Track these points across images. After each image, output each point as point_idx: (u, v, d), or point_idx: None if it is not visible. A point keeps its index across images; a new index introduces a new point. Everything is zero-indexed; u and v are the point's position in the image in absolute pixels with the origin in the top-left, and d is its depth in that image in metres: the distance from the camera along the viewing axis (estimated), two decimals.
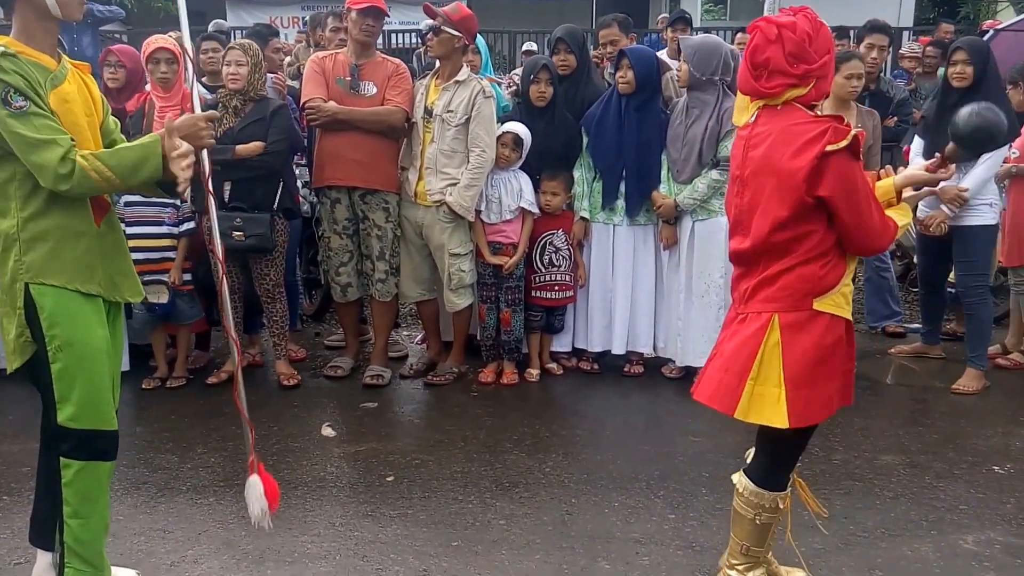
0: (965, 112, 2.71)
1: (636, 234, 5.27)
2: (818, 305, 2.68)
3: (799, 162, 2.58)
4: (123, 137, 2.96)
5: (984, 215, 4.94)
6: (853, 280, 2.87)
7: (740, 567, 2.95)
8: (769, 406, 2.69)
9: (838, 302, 2.71)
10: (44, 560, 2.98)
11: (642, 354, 5.44)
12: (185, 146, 2.72)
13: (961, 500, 3.80)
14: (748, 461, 2.97)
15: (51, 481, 2.86)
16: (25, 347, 2.73)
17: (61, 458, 2.78)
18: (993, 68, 4.97)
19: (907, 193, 2.88)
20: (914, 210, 3.38)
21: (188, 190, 5.03)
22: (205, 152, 2.94)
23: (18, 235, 2.68)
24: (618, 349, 5.39)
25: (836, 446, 4.30)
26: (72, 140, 2.64)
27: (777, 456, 2.87)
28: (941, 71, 8.16)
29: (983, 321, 5.14)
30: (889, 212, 2.76)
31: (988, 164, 4.86)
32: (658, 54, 6.67)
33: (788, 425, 2.67)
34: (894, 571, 3.25)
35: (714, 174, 4.90)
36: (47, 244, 2.69)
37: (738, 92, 2.87)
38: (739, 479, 2.93)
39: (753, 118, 2.78)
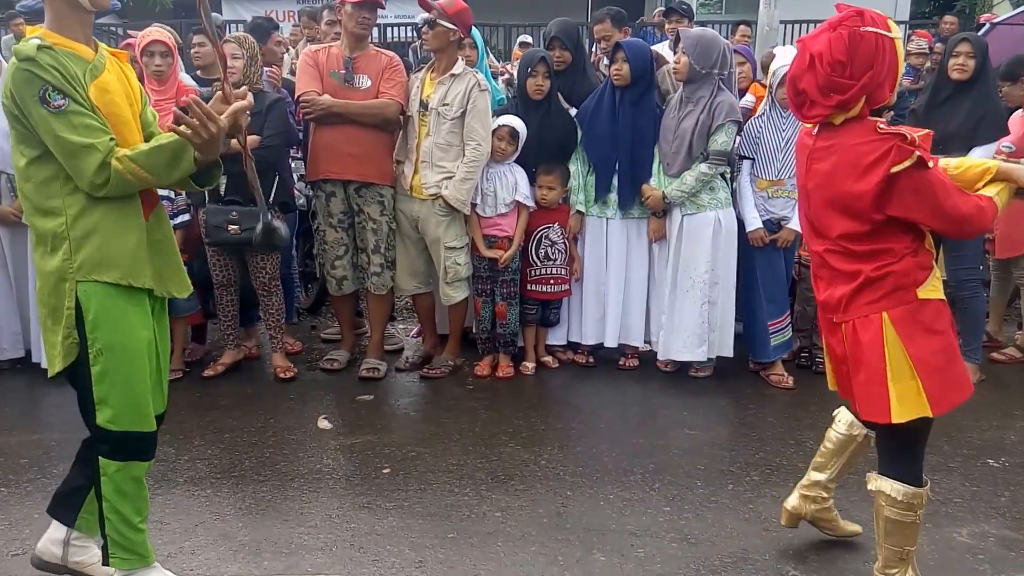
0: None
1: (629, 227, 5.28)
2: (923, 293, 2.67)
3: (864, 185, 2.56)
4: (160, 129, 2.91)
5: None
6: None
7: (896, 572, 2.89)
8: (913, 399, 2.67)
9: (936, 286, 2.71)
10: (57, 533, 3.02)
11: (636, 347, 5.45)
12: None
13: (956, 493, 3.82)
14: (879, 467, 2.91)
15: (90, 468, 2.88)
16: (71, 349, 2.70)
17: (100, 458, 2.79)
18: (989, 63, 4.97)
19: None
20: None
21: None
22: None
23: (68, 233, 2.64)
24: (610, 342, 5.40)
25: None
26: (112, 140, 2.60)
27: (917, 450, 2.85)
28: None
29: (976, 315, 5.16)
30: (985, 190, 2.72)
31: (979, 157, 4.85)
32: (656, 47, 6.68)
33: (932, 414, 2.68)
34: None
35: (703, 167, 4.90)
36: (97, 239, 2.66)
37: None
38: (890, 486, 2.82)
39: (816, 130, 2.75)
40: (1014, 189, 2.79)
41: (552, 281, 5.30)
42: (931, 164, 2.57)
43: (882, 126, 2.59)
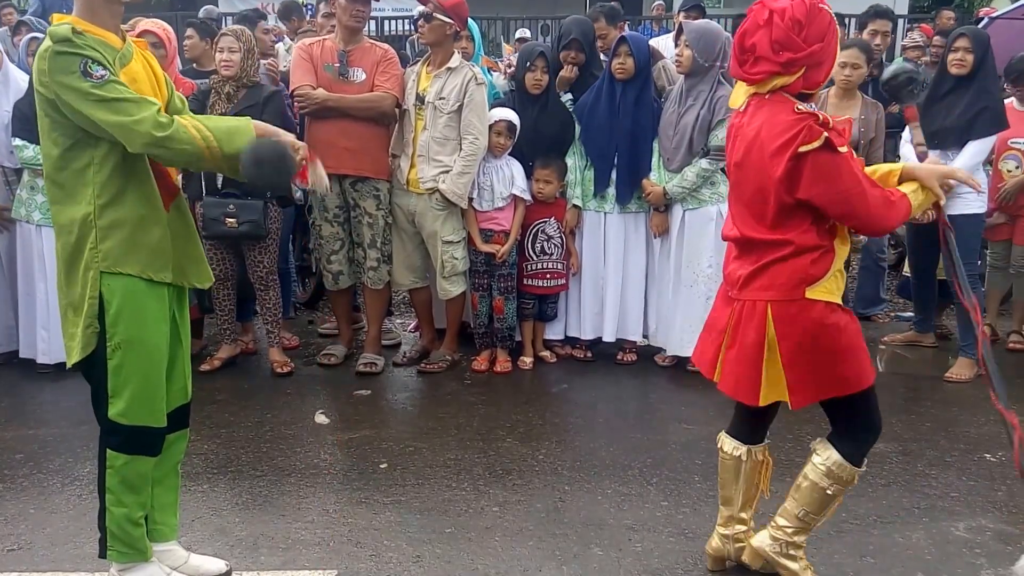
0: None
1: (627, 222, 5.27)
2: (810, 293, 2.70)
3: (775, 165, 2.59)
4: (191, 114, 2.89)
5: (971, 203, 4.94)
6: (847, 267, 2.87)
7: (788, 529, 2.94)
8: (779, 387, 2.77)
9: (829, 288, 2.72)
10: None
11: (635, 342, 5.45)
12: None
13: (953, 488, 3.82)
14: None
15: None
16: (91, 338, 2.69)
17: (108, 450, 2.79)
18: (991, 58, 4.96)
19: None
20: None
21: (180, 176, 5.04)
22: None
23: (95, 222, 2.64)
24: (608, 337, 5.39)
25: (826, 432, 4.30)
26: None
27: (854, 430, 2.88)
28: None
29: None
30: (903, 187, 2.75)
31: (974, 151, 4.86)
32: (662, 39, 6.67)
33: (793, 407, 2.78)
34: (886, 558, 3.26)
35: (704, 163, 4.90)
36: (123, 231, 2.66)
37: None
38: (823, 448, 2.89)
39: (744, 107, 2.77)
40: (928, 193, 2.80)
41: (548, 276, 5.29)
42: (842, 150, 2.59)
43: (800, 107, 2.61)
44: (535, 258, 5.27)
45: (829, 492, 2.88)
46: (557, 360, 5.46)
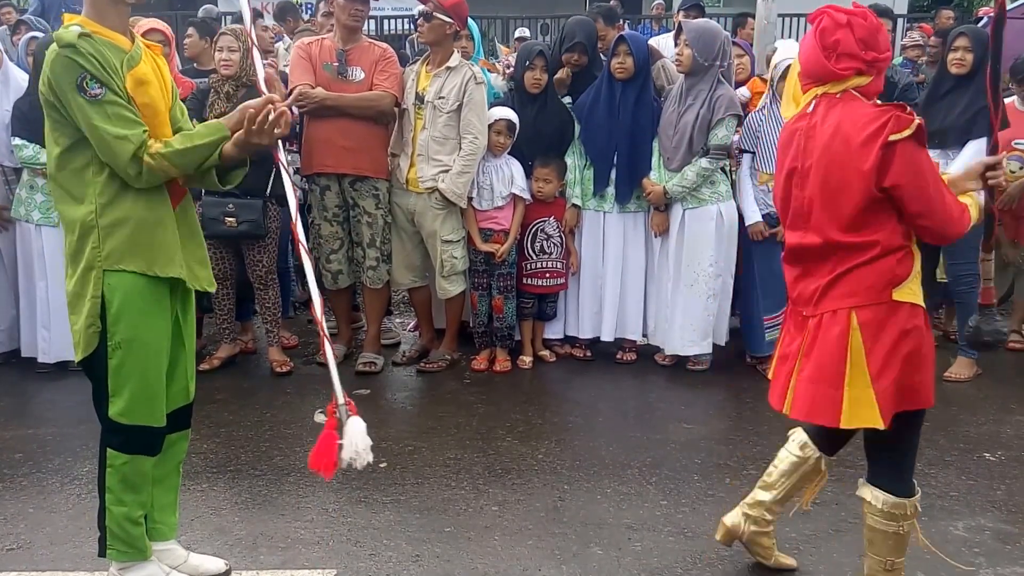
0: None
1: (626, 221, 5.27)
2: (897, 295, 2.60)
3: (865, 153, 2.53)
4: (190, 125, 2.91)
5: None
6: None
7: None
8: (866, 409, 2.60)
9: (914, 290, 2.63)
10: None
11: (634, 341, 5.45)
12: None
13: (952, 487, 3.82)
14: (868, 475, 2.83)
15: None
16: (92, 338, 2.70)
17: (108, 449, 2.79)
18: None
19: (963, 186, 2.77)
20: None
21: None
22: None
23: (96, 222, 2.65)
24: (607, 336, 5.39)
25: None
26: (145, 131, 2.62)
27: (905, 459, 2.76)
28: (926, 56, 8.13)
29: (973, 309, 5.13)
30: (962, 198, 2.69)
31: (974, 151, 4.85)
32: (661, 38, 6.67)
33: (883, 426, 2.59)
34: None
35: (704, 162, 4.90)
36: (126, 230, 2.67)
37: (788, 81, 2.86)
38: (871, 494, 2.77)
39: (811, 107, 2.70)
40: (979, 204, 2.74)
41: (548, 275, 5.29)
42: (926, 146, 2.58)
43: (879, 102, 2.63)
44: (534, 257, 5.27)
45: (901, 532, 2.76)
46: (556, 359, 5.46)
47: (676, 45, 4.98)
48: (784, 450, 3.10)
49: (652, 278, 5.34)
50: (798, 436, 3.07)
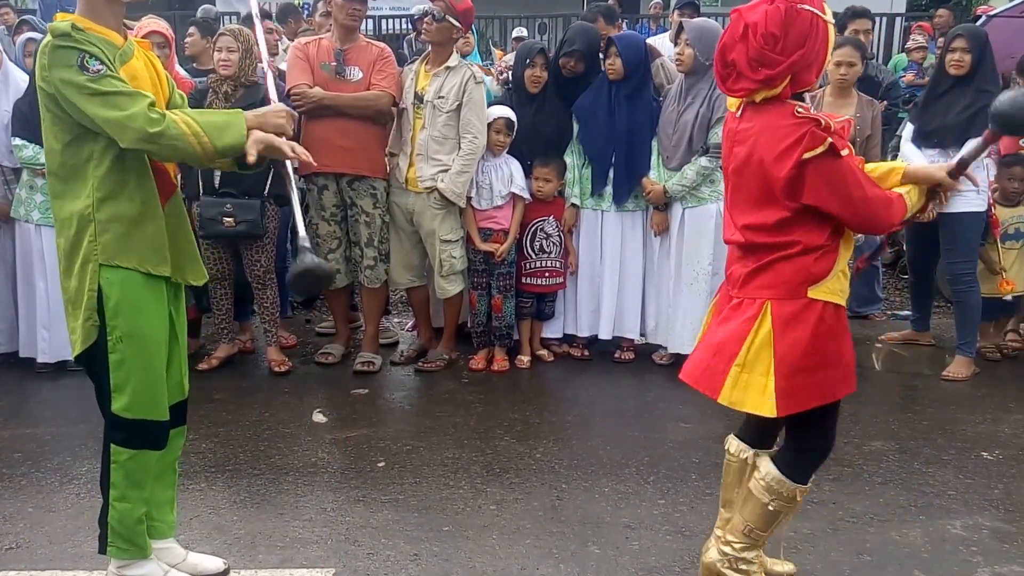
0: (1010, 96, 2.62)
1: (624, 220, 5.27)
2: (813, 293, 2.63)
3: (778, 171, 2.53)
4: (188, 110, 2.91)
5: (971, 201, 4.94)
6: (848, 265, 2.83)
7: (736, 545, 2.89)
8: (754, 394, 2.65)
9: (833, 288, 2.66)
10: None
11: (632, 340, 5.45)
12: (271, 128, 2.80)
13: (950, 486, 3.83)
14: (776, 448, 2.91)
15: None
16: (91, 331, 2.71)
17: (113, 445, 2.80)
18: (990, 57, 4.96)
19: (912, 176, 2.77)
20: None
21: (179, 177, 5.03)
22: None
23: (93, 216, 2.66)
24: (605, 334, 5.40)
25: None
26: (151, 98, 2.63)
27: (801, 446, 2.81)
28: (930, 56, 8.16)
29: (971, 308, 5.15)
30: (899, 189, 2.70)
31: (971, 146, 4.85)
32: (651, 39, 6.67)
33: (775, 414, 2.63)
34: (882, 556, 3.27)
35: (703, 161, 4.90)
36: (121, 226, 2.68)
37: None
38: (764, 462, 2.83)
39: (739, 111, 2.71)
40: (925, 191, 2.77)
41: (547, 274, 5.30)
42: (844, 152, 2.53)
43: (800, 110, 2.54)
44: (534, 257, 5.27)
45: (771, 508, 2.80)
46: (554, 359, 5.46)
47: (676, 44, 4.98)
48: (725, 462, 3.07)
49: (651, 277, 5.34)
50: (730, 442, 3.05)
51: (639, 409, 4.82)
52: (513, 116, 5.08)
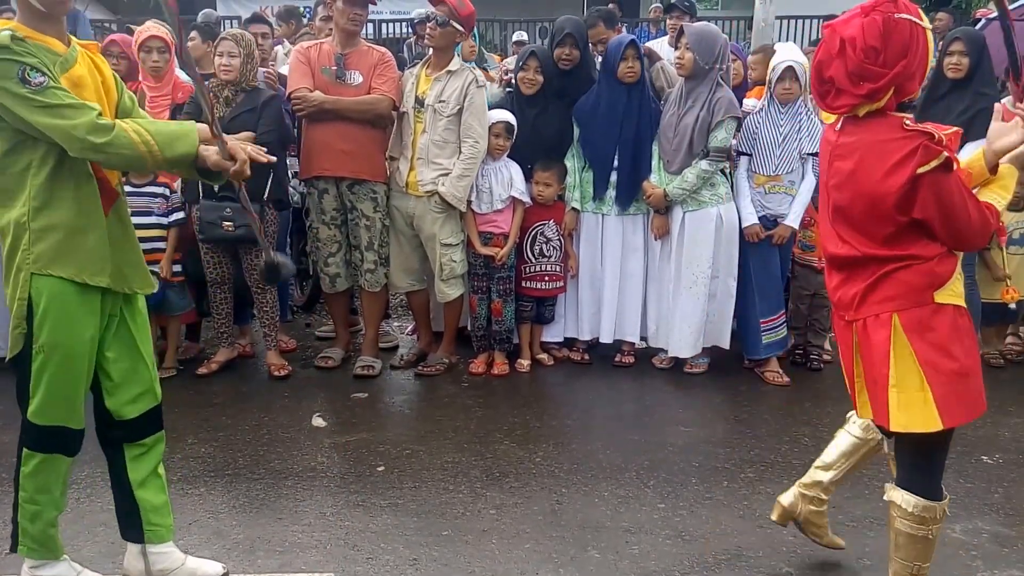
0: None
1: (625, 224, 5.27)
2: (939, 297, 2.53)
3: (889, 186, 2.42)
4: (143, 113, 2.94)
5: None
6: None
7: None
8: (918, 411, 2.54)
9: (957, 291, 2.57)
10: (134, 548, 3.08)
11: (632, 344, 5.45)
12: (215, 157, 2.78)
13: (949, 490, 3.75)
14: (895, 476, 2.81)
15: (122, 485, 3.00)
16: (18, 339, 2.74)
17: (24, 448, 2.82)
18: (987, 60, 4.96)
19: (1004, 161, 2.65)
20: None
21: (179, 180, 5.04)
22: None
23: (28, 224, 2.66)
24: (606, 338, 5.40)
25: (825, 436, 4.30)
26: (98, 109, 2.63)
27: (935, 463, 2.73)
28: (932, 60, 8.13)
29: (972, 309, 5.13)
30: (987, 195, 2.59)
31: (970, 149, 4.85)
32: (651, 43, 6.67)
33: (942, 426, 2.53)
34: (883, 559, 3.25)
35: (703, 164, 4.90)
36: (57, 234, 2.68)
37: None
38: (902, 497, 2.71)
39: (840, 125, 2.61)
40: (1008, 194, 2.65)
41: (547, 278, 5.30)
42: (956, 167, 2.44)
43: (908, 123, 2.45)
44: (533, 260, 5.27)
45: (931, 537, 2.72)
46: (554, 363, 5.46)
47: (677, 49, 4.98)
48: (844, 432, 3.13)
49: (652, 280, 5.34)
50: (860, 419, 3.03)
51: (639, 413, 4.81)
52: (513, 120, 5.08)
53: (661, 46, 6.76)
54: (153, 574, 3.06)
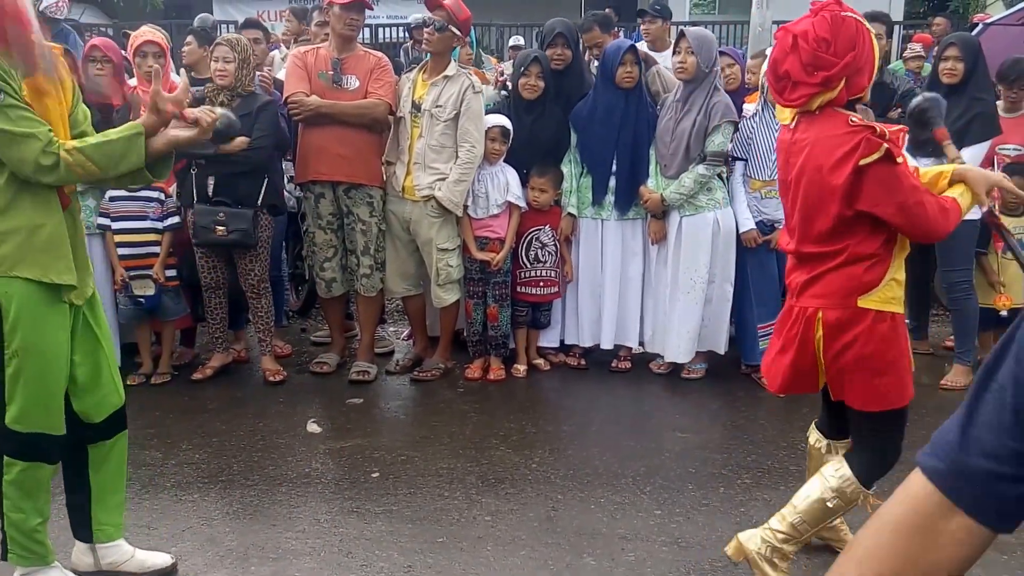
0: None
1: (625, 229, 5.26)
2: (863, 303, 2.70)
3: (835, 178, 2.60)
4: (92, 129, 2.94)
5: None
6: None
7: (780, 535, 2.92)
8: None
9: (885, 297, 2.73)
10: (83, 544, 3.10)
11: (630, 349, 5.43)
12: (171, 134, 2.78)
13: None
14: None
15: (80, 478, 3.00)
16: None
17: (5, 457, 2.80)
18: (983, 64, 4.96)
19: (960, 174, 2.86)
20: None
21: (175, 185, 5.03)
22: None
23: None
24: (607, 344, 5.38)
25: None
26: (49, 129, 2.63)
27: (870, 449, 2.90)
28: (927, 65, 8.16)
29: (969, 316, 5.14)
30: (947, 193, 2.77)
31: (968, 157, 4.83)
32: (640, 44, 6.64)
33: (815, 389, 2.88)
34: None
35: (701, 169, 4.89)
36: (19, 237, 2.68)
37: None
38: (838, 462, 2.91)
39: (794, 123, 2.79)
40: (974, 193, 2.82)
41: (542, 283, 5.28)
42: (900, 160, 2.59)
43: (854, 119, 2.62)
44: (528, 266, 5.26)
45: (830, 505, 2.86)
46: (551, 368, 5.44)
47: (676, 53, 4.96)
48: (809, 446, 3.24)
49: (649, 285, 5.33)
50: (809, 432, 3.23)
51: (636, 419, 4.80)
52: (509, 124, 5.07)
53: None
54: (103, 567, 3.09)
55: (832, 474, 2.88)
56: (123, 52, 5.37)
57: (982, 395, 0.98)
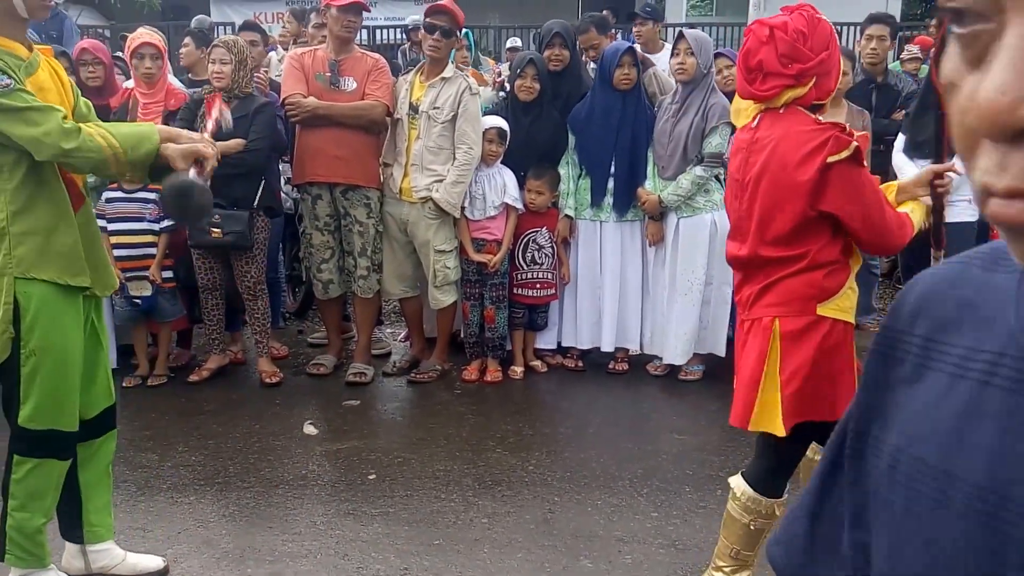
0: None
1: (623, 230, 5.26)
2: (822, 310, 2.62)
3: (801, 174, 2.52)
4: (98, 120, 2.93)
5: (963, 211, 4.93)
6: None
7: (727, 569, 2.90)
8: (769, 413, 2.65)
9: (842, 306, 2.65)
10: (73, 547, 3.09)
11: (628, 351, 5.43)
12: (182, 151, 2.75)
13: None
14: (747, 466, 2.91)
15: (68, 474, 2.96)
16: (6, 344, 2.71)
17: (16, 455, 2.80)
18: None
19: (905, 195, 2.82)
20: None
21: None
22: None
23: (8, 229, 2.66)
24: (607, 346, 5.37)
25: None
26: (64, 112, 2.63)
27: (777, 462, 2.80)
28: (924, 67, 8.18)
29: None
30: (902, 209, 2.72)
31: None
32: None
33: (783, 432, 2.61)
34: None
35: (698, 170, 4.89)
36: (37, 237, 2.68)
37: (736, 94, 2.84)
38: (737, 483, 2.84)
39: (756, 122, 2.71)
40: (926, 208, 2.79)
41: (538, 285, 5.28)
42: (865, 165, 2.57)
43: (820, 118, 2.60)
44: (525, 268, 5.26)
45: (753, 527, 2.80)
46: (548, 370, 5.44)
47: (675, 55, 4.96)
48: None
49: (647, 287, 5.33)
50: (733, 483, 2.97)
51: (633, 421, 4.80)
52: (505, 126, 5.07)
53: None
54: (93, 571, 3.08)
55: (738, 496, 2.81)
56: (120, 54, 5.37)
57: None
